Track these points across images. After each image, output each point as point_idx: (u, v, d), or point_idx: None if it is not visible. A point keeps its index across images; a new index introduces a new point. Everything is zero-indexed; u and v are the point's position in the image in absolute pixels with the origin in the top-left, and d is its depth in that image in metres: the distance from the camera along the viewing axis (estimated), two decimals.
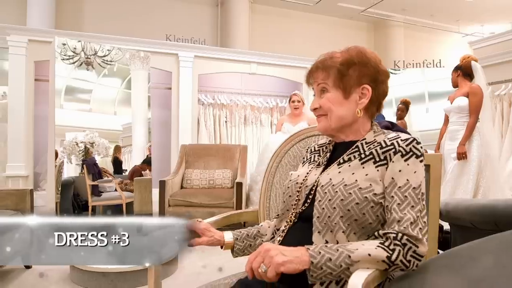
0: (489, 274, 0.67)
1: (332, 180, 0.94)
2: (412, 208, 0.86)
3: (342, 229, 0.88)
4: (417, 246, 0.81)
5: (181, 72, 5.49)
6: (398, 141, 0.94)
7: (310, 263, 0.78)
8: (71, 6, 8.18)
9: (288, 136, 3.73)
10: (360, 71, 0.99)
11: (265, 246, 0.80)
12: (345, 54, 1.02)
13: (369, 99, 0.99)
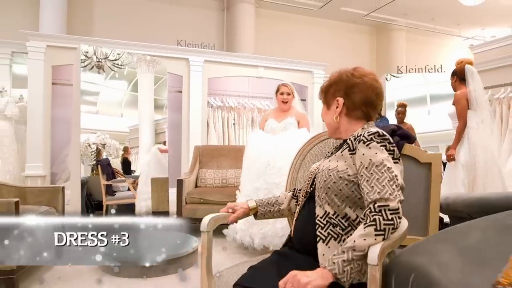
0: (476, 244, 0.87)
1: (324, 167, 1.23)
2: (377, 181, 1.08)
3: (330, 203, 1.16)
4: (387, 204, 1.02)
5: (192, 76, 5.71)
6: (364, 133, 1.19)
7: (334, 274, 0.97)
8: (82, 12, 8.42)
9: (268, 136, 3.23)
10: (334, 88, 1.30)
11: (292, 273, 0.98)
12: (329, 79, 1.32)
13: (346, 107, 1.26)
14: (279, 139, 3.07)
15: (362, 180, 1.11)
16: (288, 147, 2.80)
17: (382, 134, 1.17)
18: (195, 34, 8.38)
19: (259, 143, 3.14)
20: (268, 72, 6.23)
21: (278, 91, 3.45)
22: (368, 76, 1.27)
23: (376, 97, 1.27)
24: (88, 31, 8.25)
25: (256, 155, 3.02)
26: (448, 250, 0.86)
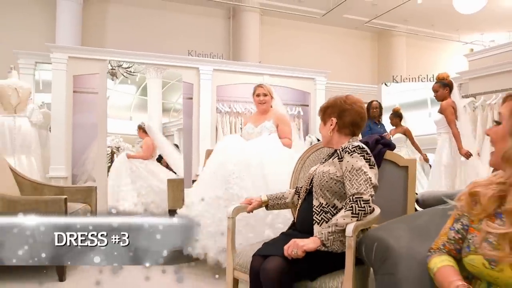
0: (423, 224, 1.25)
1: (319, 170, 1.65)
2: (356, 180, 1.49)
3: (323, 198, 1.56)
4: (361, 197, 1.43)
5: (202, 84, 6.12)
6: (349, 146, 1.61)
7: (321, 241, 1.39)
8: (95, 23, 8.88)
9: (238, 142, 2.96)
10: (330, 110, 1.73)
11: (292, 240, 1.42)
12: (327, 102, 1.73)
13: (338, 125, 1.68)
14: (247, 146, 2.88)
15: (346, 180, 1.50)
16: (253, 158, 2.70)
17: (362, 147, 1.57)
18: (204, 44, 8.82)
19: (228, 148, 2.91)
20: (273, 80, 6.61)
21: (254, 93, 3.24)
22: (356, 104, 1.68)
23: (361, 120, 1.68)
24: (102, 42, 8.71)
25: (223, 161, 2.79)
26: (402, 228, 1.23)
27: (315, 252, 1.36)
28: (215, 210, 2.55)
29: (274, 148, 2.84)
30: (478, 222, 0.98)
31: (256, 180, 2.60)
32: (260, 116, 3.20)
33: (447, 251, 1.03)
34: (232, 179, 2.64)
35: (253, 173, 2.64)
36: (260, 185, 2.58)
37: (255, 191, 2.51)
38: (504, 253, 0.88)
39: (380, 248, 1.19)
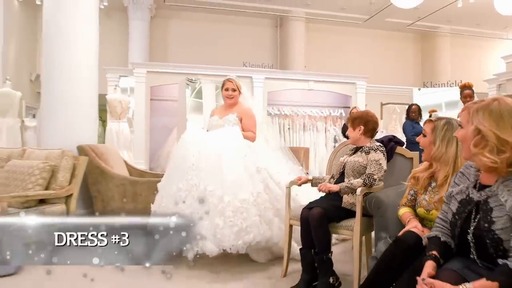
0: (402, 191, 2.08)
1: (350, 159, 2.45)
2: (373, 166, 2.31)
3: (353, 177, 2.37)
4: (372, 175, 2.27)
5: (255, 90, 7.10)
6: (374, 145, 2.42)
7: (340, 188, 2.26)
8: (160, 40, 10.22)
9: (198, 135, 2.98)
10: (358, 120, 2.51)
11: (323, 184, 2.31)
12: (355, 113, 2.55)
13: (363, 131, 2.48)
14: (207, 138, 2.92)
15: (368, 165, 2.35)
16: (212, 149, 2.78)
17: (382, 146, 2.42)
18: (256, 54, 9.87)
19: (188, 142, 2.92)
20: (317, 85, 7.45)
21: (223, 87, 3.21)
22: (374, 117, 2.53)
23: (376, 127, 2.52)
24: (166, 54, 10.06)
25: (184, 154, 2.86)
26: (390, 192, 2.07)
27: (339, 207, 2.25)
28: (177, 201, 2.64)
29: (233, 139, 2.88)
30: (420, 191, 1.83)
31: (213, 171, 2.69)
32: (226, 109, 3.21)
33: (406, 205, 1.87)
34: (192, 170, 2.71)
35: (211, 163, 2.72)
36: (216, 175, 2.67)
37: (212, 181, 2.64)
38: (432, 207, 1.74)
39: (376, 201, 2.04)
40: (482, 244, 1.25)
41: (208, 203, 2.59)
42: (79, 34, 3.78)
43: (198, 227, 2.45)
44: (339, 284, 2.20)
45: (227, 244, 2.51)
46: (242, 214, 2.57)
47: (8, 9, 8.19)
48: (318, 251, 2.18)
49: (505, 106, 1.28)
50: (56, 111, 3.60)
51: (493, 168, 1.26)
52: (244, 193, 2.64)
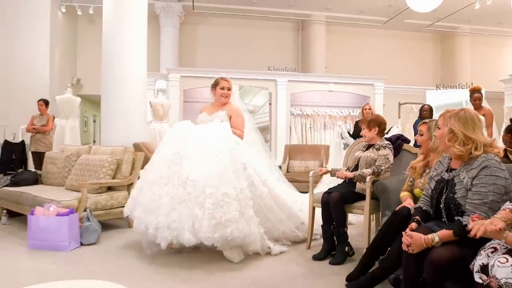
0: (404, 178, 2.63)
1: (364, 155, 2.99)
2: (381, 160, 2.84)
3: (365, 167, 2.91)
4: (381, 167, 2.79)
5: (279, 92, 7.68)
6: (384, 143, 2.95)
7: (354, 176, 2.81)
8: (188, 46, 10.91)
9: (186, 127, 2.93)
10: (374, 122, 3.03)
11: (340, 172, 2.90)
12: (369, 117, 3.06)
13: (377, 131, 3.00)
14: (196, 128, 2.97)
15: (377, 159, 2.89)
16: (198, 140, 2.80)
17: (389, 143, 2.95)
18: (279, 58, 10.45)
19: (176, 131, 2.96)
20: (337, 86, 7.96)
21: (218, 85, 3.22)
22: (384, 120, 3.05)
23: (385, 128, 3.05)
24: (194, 59, 10.75)
25: (170, 142, 2.89)
26: (394, 179, 2.62)
27: (353, 191, 2.81)
28: (157, 187, 2.69)
29: (222, 132, 2.92)
30: (417, 177, 2.37)
31: (198, 160, 2.69)
32: (216, 107, 3.23)
33: (406, 190, 2.41)
34: (176, 158, 2.72)
35: (197, 152, 2.72)
36: (200, 165, 2.67)
37: (195, 171, 2.64)
38: None
39: (382, 187, 2.58)
40: (449, 209, 1.80)
41: (188, 193, 2.60)
42: (132, 48, 4.48)
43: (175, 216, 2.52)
44: (352, 253, 2.76)
45: (203, 235, 2.51)
46: (222, 207, 2.56)
47: (53, 19, 9.04)
48: (336, 226, 2.74)
49: (469, 115, 1.85)
50: (115, 115, 4.31)
51: (460, 156, 1.81)
52: (227, 186, 2.63)
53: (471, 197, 1.71)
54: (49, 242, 2.92)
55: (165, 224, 2.57)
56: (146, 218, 2.68)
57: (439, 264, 1.61)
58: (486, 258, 1.41)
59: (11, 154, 4.54)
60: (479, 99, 4.82)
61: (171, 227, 2.55)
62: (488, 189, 1.68)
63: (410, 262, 1.78)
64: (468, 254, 1.57)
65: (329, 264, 2.67)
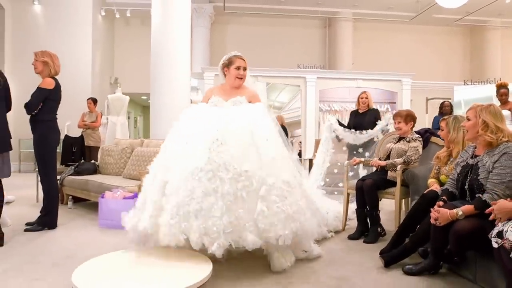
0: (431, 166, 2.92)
1: (395, 146, 3.29)
2: (412, 151, 3.12)
3: (397, 157, 3.21)
4: (411, 157, 3.07)
5: (308, 89, 7.98)
6: (414, 136, 3.23)
7: (386, 164, 3.13)
8: (218, 46, 11.32)
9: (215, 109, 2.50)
10: (409, 117, 3.31)
11: (374, 160, 3.22)
12: (405, 111, 3.34)
13: (412, 125, 3.29)
14: (231, 112, 2.49)
15: (408, 151, 3.18)
16: (241, 123, 2.37)
17: (419, 136, 3.23)
18: (308, 56, 10.74)
19: (204, 116, 2.47)
20: (365, 83, 8.17)
21: (232, 64, 2.71)
22: (414, 114, 3.33)
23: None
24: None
25: (200, 130, 2.37)
26: (422, 168, 2.91)
27: (385, 179, 3.11)
28: (195, 184, 2.16)
29: (262, 111, 2.56)
30: (442, 165, 2.65)
31: (246, 145, 2.29)
32: (231, 91, 2.71)
33: (433, 177, 2.70)
34: (216, 146, 2.25)
35: (242, 137, 2.31)
36: (251, 151, 2.29)
37: (247, 158, 2.24)
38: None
39: (412, 174, 2.88)
40: (472, 189, 2.10)
41: (244, 186, 2.18)
42: (177, 51, 4.92)
43: (231, 217, 2.09)
44: (384, 233, 3.08)
45: (273, 234, 2.16)
46: (287, 198, 2.27)
47: (94, 23, 9.67)
48: (370, 209, 3.07)
49: (497, 109, 2.17)
50: (163, 111, 4.76)
51: (490, 143, 2.11)
52: (286, 173, 2.35)
53: (491, 178, 2.00)
54: (117, 222, 3.37)
55: (218, 229, 2.09)
56: (183, 224, 2.13)
57: (461, 234, 1.92)
58: (501, 226, 1.71)
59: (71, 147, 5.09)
60: (505, 94, 4.97)
61: (226, 230, 2.10)
62: (507, 171, 1.97)
63: (437, 234, 2.10)
64: (487, 226, 1.87)
65: (363, 242, 3.00)
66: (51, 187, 3.37)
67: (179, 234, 2.12)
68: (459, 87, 8.36)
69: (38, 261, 2.56)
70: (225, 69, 2.77)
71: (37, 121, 3.29)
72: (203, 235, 2.10)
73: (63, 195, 4.43)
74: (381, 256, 2.45)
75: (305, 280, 2.23)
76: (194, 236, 2.11)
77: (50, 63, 3.35)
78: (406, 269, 2.30)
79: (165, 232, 2.16)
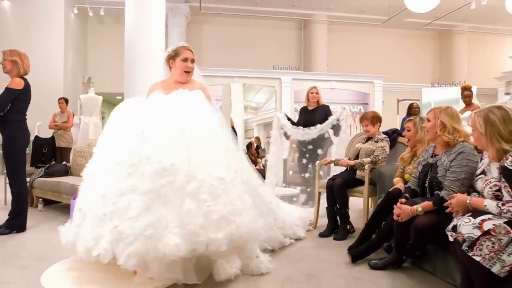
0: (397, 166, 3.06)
1: (364, 146, 3.41)
2: (379, 151, 3.25)
3: (365, 157, 3.33)
4: (378, 156, 3.20)
5: (283, 90, 8.10)
6: (381, 136, 3.36)
7: (355, 163, 3.26)
8: (194, 43, 11.29)
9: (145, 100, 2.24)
10: (376, 119, 3.44)
11: (343, 160, 3.35)
12: (371, 113, 3.47)
13: (379, 126, 3.43)
14: (159, 102, 2.22)
15: (375, 150, 3.30)
16: (169, 112, 2.11)
17: (386, 137, 3.36)
18: (283, 57, 10.86)
19: (132, 109, 2.21)
20: (338, 84, 8.38)
21: (178, 56, 2.46)
22: (381, 116, 3.46)
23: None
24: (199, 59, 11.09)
25: (125, 122, 2.15)
26: (388, 167, 3.04)
27: (354, 178, 3.22)
28: (112, 182, 1.92)
29: (198, 98, 2.28)
30: (407, 165, 2.78)
31: (174, 136, 2.02)
32: (176, 85, 2.42)
33: (399, 175, 2.83)
34: (139, 138, 1.99)
35: (170, 127, 2.05)
36: (179, 143, 2.01)
37: (173, 151, 1.97)
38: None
39: (379, 173, 3.01)
40: (432, 187, 2.22)
41: (168, 183, 1.91)
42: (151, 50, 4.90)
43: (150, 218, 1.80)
44: (353, 231, 3.19)
45: (204, 238, 1.87)
46: (221, 197, 1.99)
47: (66, 21, 9.45)
48: (339, 207, 3.17)
49: (454, 111, 2.29)
50: None
51: (448, 143, 2.23)
52: (220, 169, 2.07)
53: (448, 175, 2.13)
54: None
55: (133, 232, 1.79)
56: (95, 230, 1.85)
57: (421, 229, 2.04)
58: (456, 220, 1.83)
59: (41, 149, 4.98)
60: (469, 96, 5.23)
61: (145, 233, 1.79)
62: (462, 169, 2.10)
63: (400, 230, 2.21)
64: (444, 221, 1.99)
65: (333, 239, 3.10)
66: (20, 189, 3.30)
67: (90, 239, 1.84)
68: (426, 89, 8.69)
69: (6, 265, 2.52)
70: (170, 62, 2.51)
71: (5, 122, 3.22)
72: (117, 241, 1.79)
73: (32, 198, 4.33)
74: (349, 252, 2.55)
75: (274, 277, 2.29)
76: (105, 241, 1.80)
77: (19, 62, 3.27)
78: (372, 263, 2.41)
79: (80, 243, 1.90)
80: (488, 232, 1.65)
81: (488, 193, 1.82)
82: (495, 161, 1.82)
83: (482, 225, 1.68)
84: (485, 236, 1.65)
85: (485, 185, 1.86)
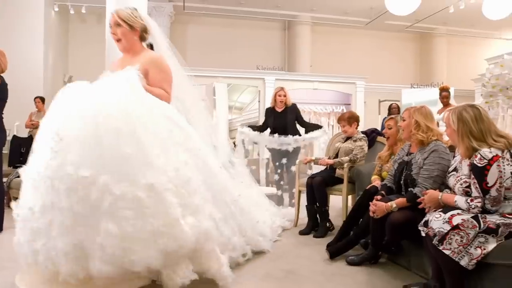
0: (374, 165, 3.13)
1: (343, 145, 3.47)
2: (357, 150, 3.32)
3: (344, 156, 3.39)
4: (356, 155, 3.27)
5: (267, 90, 8.14)
6: (360, 135, 3.43)
7: (334, 162, 3.32)
8: (178, 43, 11.18)
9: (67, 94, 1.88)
10: (353, 119, 3.51)
11: (322, 159, 3.41)
12: (348, 114, 3.54)
13: (356, 126, 3.50)
14: (78, 92, 1.90)
15: (354, 149, 3.36)
16: (83, 106, 1.79)
17: (364, 136, 3.43)
18: (267, 58, 10.89)
19: (56, 102, 1.94)
20: (321, 85, 8.47)
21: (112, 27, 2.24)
22: (358, 115, 3.52)
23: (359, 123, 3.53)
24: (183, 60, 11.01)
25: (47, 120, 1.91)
26: (368, 166, 3.10)
27: (333, 176, 3.27)
28: (35, 195, 1.75)
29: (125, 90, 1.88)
30: (384, 163, 2.85)
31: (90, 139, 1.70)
32: (128, 59, 2.19)
33: (376, 174, 2.89)
34: (55, 144, 1.72)
35: (85, 127, 1.72)
36: (93, 146, 1.69)
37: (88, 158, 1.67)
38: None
39: (357, 172, 3.07)
40: (407, 184, 2.29)
41: (81, 198, 1.65)
42: None
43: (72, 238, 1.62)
44: (332, 228, 3.25)
45: (135, 257, 1.65)
46: (150, 208, 1.69)
47: (46, 18, 9.25)
48: (319, 205, 3.22)
49: (428, 111, 2.37)
50: None
51: (422, 141, 2.30)
52: (150, 174, 1.73)
53: (422, 173, 2.20)
54: None
55: (57, 253, 1.67)
56: (32, 244, 1.75)
57: (395, 224, 2.10)
58: (427, 216, 1.90)
59: (19, 148, 4.88)
60: (447, 97, 5.37)
61: (69, 256, 1.66)
62: (435, 167, 2.17)
63: (375, 226, 2.27)
64: (418, 217, 2.05)
65: (313, 237, 3.15)
66: None
67: (30, 256, 1.73)
68: (406, 90, 8.88)
69: None
70: None
71: None
72: (49, 260, 1.69)
73: (9, 198, 4.24)
74: (327, 249, 2.59)
75: (253, 274, 2.31)
76: (42, 256, 1.71)
77: None
78: (349, 259, 2.46)
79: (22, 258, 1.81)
80: (457, 226, 1.71)
81: (459, 189, 1.89)
82: (465, 158, 1.89)
83: (451, 220, 1.74)
84: (454, 231, 1.71)
85: (456, 181, 1.92)
